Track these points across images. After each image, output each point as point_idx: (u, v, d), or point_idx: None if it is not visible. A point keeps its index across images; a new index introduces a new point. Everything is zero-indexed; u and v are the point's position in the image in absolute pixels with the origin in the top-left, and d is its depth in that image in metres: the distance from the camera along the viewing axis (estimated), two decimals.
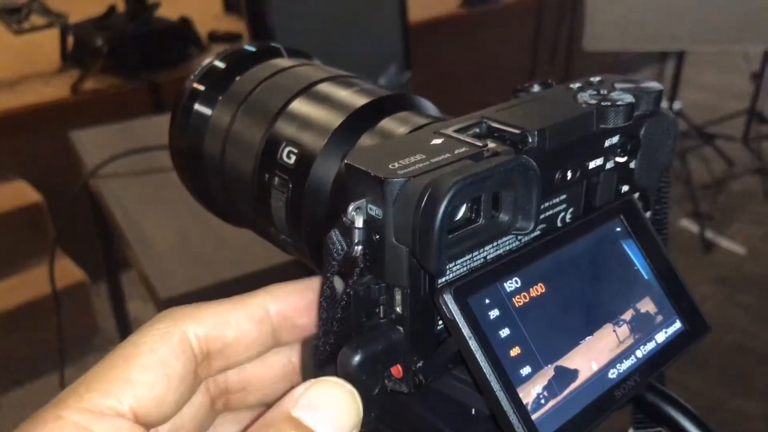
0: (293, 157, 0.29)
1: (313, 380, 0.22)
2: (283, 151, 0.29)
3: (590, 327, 0.23)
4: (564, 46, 2.90)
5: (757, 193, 2.66)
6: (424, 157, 0.22)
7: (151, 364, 0.23)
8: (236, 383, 0.28)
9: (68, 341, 1.72)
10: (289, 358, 0.28)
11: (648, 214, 0.30)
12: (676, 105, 2.60)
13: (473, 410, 0.25)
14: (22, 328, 1.81)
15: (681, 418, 0.25)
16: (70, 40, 2.29)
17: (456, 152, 0.22)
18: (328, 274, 0.22)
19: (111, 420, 0.22)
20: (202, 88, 0.34)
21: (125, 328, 1.59)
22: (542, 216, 0.25)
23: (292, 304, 0.26)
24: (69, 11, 2.28)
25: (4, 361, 1.81)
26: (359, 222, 0.22)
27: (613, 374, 0.23)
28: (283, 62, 0.35)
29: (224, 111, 0.33)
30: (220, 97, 0.34)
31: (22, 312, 1.80)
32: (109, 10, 2.31)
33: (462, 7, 3.01)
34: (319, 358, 0.23)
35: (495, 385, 0.21)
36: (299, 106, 0.30)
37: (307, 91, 0.31)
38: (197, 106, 0.34)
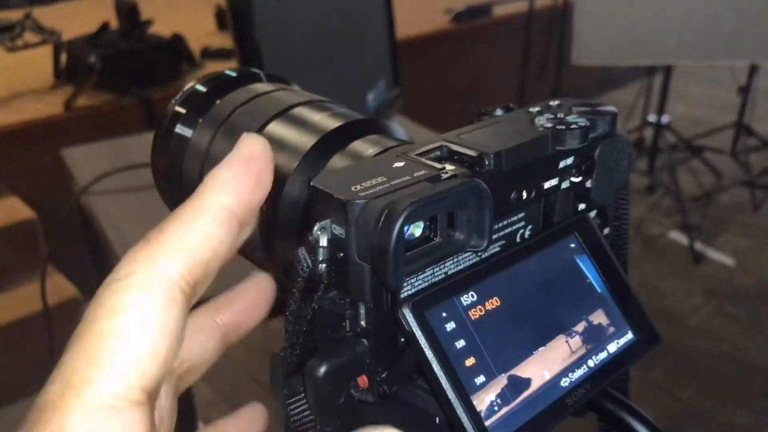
0: None
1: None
2: None
3: (543, 338, 0.25)
4: (554, 60, 2.93)
5: (746, 205, 2.69)
6: (385, 179, 0.23)
7: (146, 329, 0.20)
8: (230, 320, 0.28)
9: (59, 358, 1.72)
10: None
11: (607, 231, 0.31)
12: (665, 118, 2.63)
13: (437, 419, 0.26)
14: (13, 345, 1.81)
15: (641, 428, 0.27)
16: (64, 57, 2.30)
17: (415, 175, 0.24)
18: (295, 290, 0.23)
19: (127, 414, 0.19)
20: (183, 110, 0.35)
21: None
22: (501, 233, 0.27)
23: (244, 188, 0.24)
24: (62, 28, 2.30)
25: None
26: (324, 241, 0.23)
27: (565, 383, 0.25)
28: (262, 87, 0.36)
29: (203, 133, 0.34)
30: (200, 120, 0.35)
31: (14, 329, 1.80)
32: (102, 27, 2.32)
33: (452, 23, 3.05)
34: (286, 370, 0.24)
35: (450, 393, 0.22)
36: (274, 128, 0.32)
37: (282, 114, 0.32)
38: (178, 129, 0.35)
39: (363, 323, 0.24)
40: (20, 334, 1.81)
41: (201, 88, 0.36)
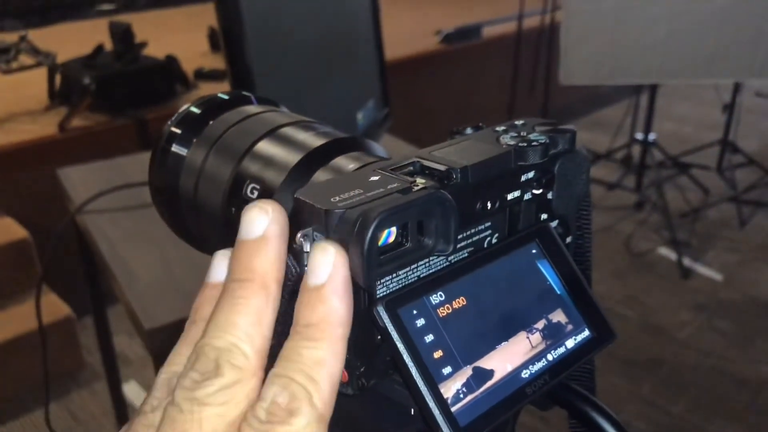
0: (256, 193, 0.33)
1: None
2: (247, 187, 0.33)
3: (506, 334, 0.27)
4: (542, 80, 2.98)
5: (733, 220, 2.73)
6: (361, 191, 0.26)
7: None
8: None
9: (53, 377, 1.72)
10: None
11: (569, 240, 0.34)
12: (651, 136, 2.68)
13: (412, 411, 0.29)
14: (6, 364, 1.81)
15: (604, 422, 0.29)
16: (58, 78, 2.33)
17: (388, 187, 0.26)
18: (284, 294, 0.26)
19: None
20: (178, 131, 0.38)
21: (111, 362, 1.61)
22: (469, 240, 0.30)
23: (351, 309, 0.25)
24: (57, 50, 2.33)
25: None
26: (307, 247, 0.26)
27: (525, 374, 0.27)
28: (252, 109, 0.39)
29: (198, 152, 0.37)
30: (195, 140, 0.38)
31: (7, 348, 1.81)
32: (96, 49, 2.36)
33: (442, 44, 3.10)
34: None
35: (419, 381, 0.24)
36: (263, 147, 0.34)
37: (270, 134, 0.35)
38: (174, 148, 0.38)
39: None
40: (13, 353, 1.81)
41: (195, 110, 0.39)
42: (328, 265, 0.24)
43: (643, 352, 2.04)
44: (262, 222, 0.26)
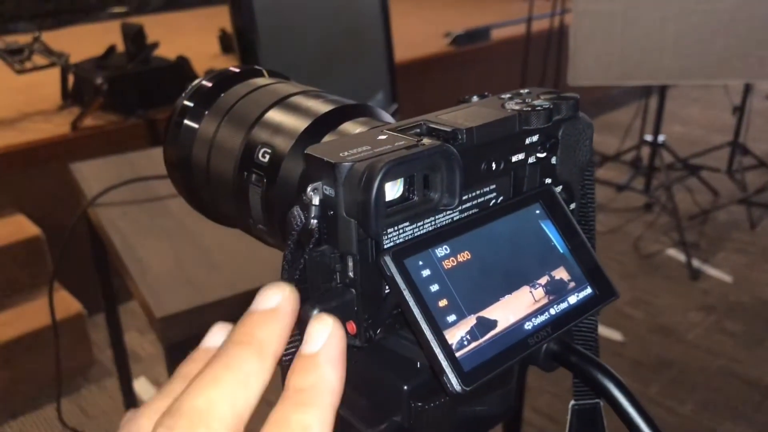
0: (267, 157, 0.33)
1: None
2: (258, 152, 0.34)
3: (509, 287, 0.28)
4: (551, 81, 2.99)
5: (742, 222, 2.72)
6: (369, 148, 0.27)
7: None
8: None
9: (65, 373, 1.74)
10: None
11: (573, 206, 0.35)
12: (661, 138, 2.68)
13: (418, 364, 0.30)
14: (18, 360, 1.83)
15: (614, 389, 0.30)
16: (71, 78, 2.36)
17: (396, 144, 0.27)
18: (290, 242, 0.27)
19: None
20: (191, 104, 0.39)
21: (122, 359, 1.62)
22: (475, 201, 0.30)
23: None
24: (70, 51, 2.36)
25: (1, 393, 1.83)
26: (316, 200, 0.27)
27: (528, 326, 0.28)
28: (263, 81, 0.40)
29: (209, 123, 0.38)
30: (207, 112, 0.39)
31: (19, 344, 1.83)
32: (108, 50, 2.39)
33: (452, 46, 3.11)
34: None
35: (424, 327, 0.25)
36: (273, 115, 0.35)
37: (280, 102, 0.36)
38: (186, 121, 0.39)
39: (351, 274, 0.27)
40: (25, 349, 1.83)
41: (207, 83, 0.40)
42: (324, 335, 0.24)
43: (652, 352, 2.03)
44: (276, 297, 0.25)
